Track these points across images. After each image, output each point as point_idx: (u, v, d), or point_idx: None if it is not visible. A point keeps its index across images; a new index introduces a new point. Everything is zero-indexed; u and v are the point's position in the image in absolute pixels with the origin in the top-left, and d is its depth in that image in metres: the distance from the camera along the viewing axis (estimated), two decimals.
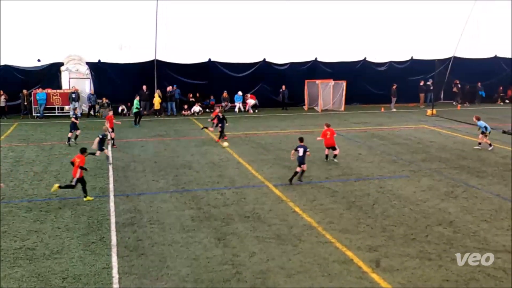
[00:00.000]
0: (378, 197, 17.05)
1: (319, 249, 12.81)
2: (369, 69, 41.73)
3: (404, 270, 11.63)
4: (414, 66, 42.31)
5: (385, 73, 41.84)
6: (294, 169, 20.27)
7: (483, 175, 19.90)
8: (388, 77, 40.90)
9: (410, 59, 42.51)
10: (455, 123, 32.91)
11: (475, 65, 42.69)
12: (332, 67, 40.34)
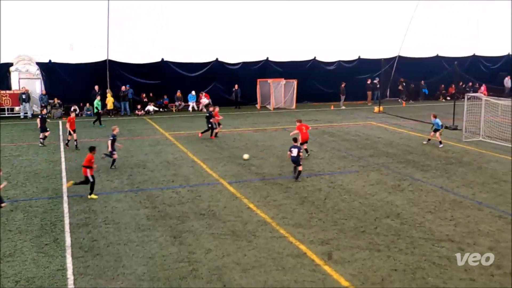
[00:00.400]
0: (329, 192, 17.31)
1: (273, 244, 12.90)
2: (318, 68, 42.24)
3: (354, 261, 11.86)
4: (362, 65, 43.10)
5: (334, 72, 42.44)
6: (247, 166, 20.39)
7: (427, 168, 20.52)
8: (337, 76, 41.52)
9: (357, 59, 43.29)
10: (401, 120, 33.79)
11: (418, 64, 43.94)
12: (283, 66, 40.61)
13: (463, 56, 45.02)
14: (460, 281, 10.87)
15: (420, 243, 12.87)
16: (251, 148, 24.51)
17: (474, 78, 43.51)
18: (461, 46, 44.70)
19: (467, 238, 13.18)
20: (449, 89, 45.45)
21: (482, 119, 26.63)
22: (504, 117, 27.65)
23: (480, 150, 23.83)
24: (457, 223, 14.30)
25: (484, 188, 17.68)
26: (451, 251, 12.35)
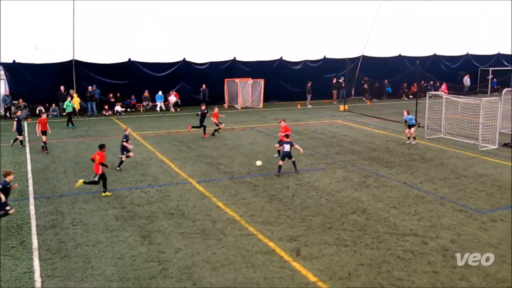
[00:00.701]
0: (297, 189, 17.42)
1: (242, 241, 12.90)
2: (285, 68, 42.46)
3: (322, 257, 11.97)
4: (327, 65, 43.50)
5: (300, 71, 42.72)
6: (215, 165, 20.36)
7: (391, 165, 20.85)
8: (303, 75, 41.81)
9: (323, 58, 43.67)
10: (365, 118, 34.24)
11: (381, 64, 44.63)
12: (250, 66, 40.67)
13: (424, 55, 45.99)
14: (424, 273, 11.09)
15: (385, 238, 13.08)
16: (219, 147, 24.45)
17: (435, 77, 44.53)
18: (422, 46, 45.66)
19: (430, 232, 13.46)
20: (412, 87, 46.29)
21: (443, 117, 27.21)
22: (464, 115, 28.32)
23: (442, 147, 24.35)
24: (421, 218, 14.58)
25: (445, 183, 18.08)
26: (415, 245, 12.60)
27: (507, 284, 10.59)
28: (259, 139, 26.55)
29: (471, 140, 24.97)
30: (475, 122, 25.74)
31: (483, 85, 50.00)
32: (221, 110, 38.13)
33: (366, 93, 45.21)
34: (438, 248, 12.39)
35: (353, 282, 10.75)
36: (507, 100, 28.67)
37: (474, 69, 50.10)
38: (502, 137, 25.08)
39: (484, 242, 12.74)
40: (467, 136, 25.64)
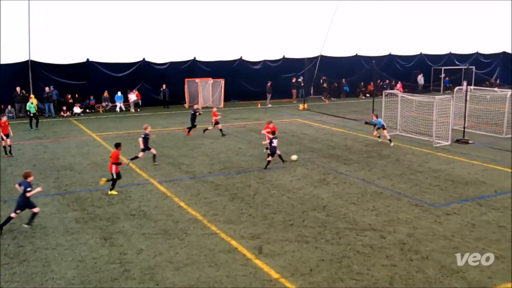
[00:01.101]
0: (258, 188, 17.46)
1: (205, 240, 12.85)
2: (245, 68, 42.53)
3: (284, 254, 12.05)
4: (286, 65, 43.82)
5: (260, 71, 42.89)
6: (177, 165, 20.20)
7: (350, 162, 21.17)
8: (263, 75, 42.00)
9: (282, 58, 43.95)
10: (324, 116, 34.65)
11: (339, 63, 45.33)
12: (211, 66, 40.54)
13: (380, 55, 46.92)
14: (383, 267, 11.31)
15: (345, 233, 13.27)
16: (181, 147, 24.27)
17: (391, 76, 45.48)
18: (378, 46, 46.58)
19: (387, 226, 13.74)
20: (368, 86, 47.15)
21: (398, 115, 27.81)
22: (418, 112, 29.03)
23: (398, 144, 24.89)
24: (379, 213, 14.86)
25: (402, 179, 18.49)
26: (373, 240, 12.83)
27: (461, 274, 10.92)
28: (220, 138, 26.48)
29: (426, 137, 25.62)
30: (429, 120, 26.42)
31: (436, 83, 51.45)
32: (181, 110, 37.94)
33: (325, 92, 45.76)
34: (395, 242, 12.66)
35: (315, 278, 10.86)
36: (458, 98, 29.56)
37: (428, 68, 51.52)
38: (455, 133, 25.83)
39: (439, 235, 13.10)
40: (422, 133, 26.29)
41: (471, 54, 53.68)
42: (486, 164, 20.74)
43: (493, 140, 25.87)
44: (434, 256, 11.85)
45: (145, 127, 20.81)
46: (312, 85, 46.08)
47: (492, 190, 17.11)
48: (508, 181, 18.12)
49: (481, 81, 50.15)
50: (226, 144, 24.75)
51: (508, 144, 24.66)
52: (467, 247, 12.28)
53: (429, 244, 12.51)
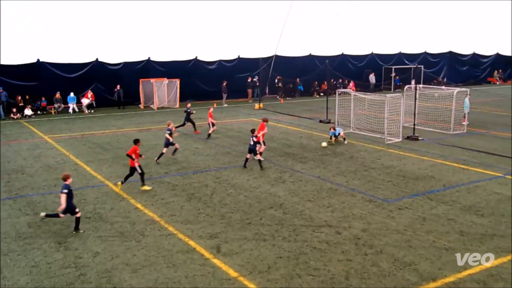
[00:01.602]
0: (216, 187, 17.42)
1: (162, 241, 12.71)
2: (200, 68, 42.31)
3: (242, 252, 12.07)
4: (241, 64, 43.88)
5: (216, 71, 42.78)
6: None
7: (305, 160, 21.41)
8: (218, 74, 41.91)
9: (237, 58, 43.98)
10: (280, 115, 34.89)
11: (293, 63, 45.75)
12: (166, 66, 40.13)
13: (333, 55, 47.65)
14: (339, 262, 11.50)
15: (302, 230, 13.41)
16: None
17: (343, 75, 46.23)
18: (331, 45, 47.29)
19: (343, 222, 13.97)
20: (322, 85, 47.76)
21: (351, 113, 28.32)
22: (371, 110, 29.64)
23: (351, 141, 25.33)
24: (334, 209, 15.09)
25: (356, 176, 18.84)
26: (329, 236, 13.03)
27: (413, 266, 11.23)
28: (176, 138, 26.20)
29: (378, 134, 26.19)
30: (381, 117, 27.02)
31: (387, 82, 52.67)
32: (136, 110, 37.38)
33: (280, 91, 46.07)
34: (350, 237, 12.90)
35: (273, 275, 10.93)
36: (408, 96, 30.38)
37: (379, 67, 52.71)
38: (405, 130, 26.52)
39: (392, 229, 13.43)
40: (374, 130, 26.86)
41: (419, 53, 55.33)
42: (435, 159, 21.40)
43: (441, 136, 26.72)
44: (387, 250, 12.14)
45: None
46: (267, 84, 46.31)
47: (441, 184, 17.67)
48: (456, 175, 18.77)
49: (429, 80, 51.74)
50: (183, 144, 24.55)
51: (455, 139, 25.53)
52: (418, 240, 12.65)
53: (382, 239, 12.81)
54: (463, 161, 20.97)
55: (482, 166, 20.15)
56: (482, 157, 21.79)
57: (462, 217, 14.39)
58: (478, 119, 31.80)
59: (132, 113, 36.04)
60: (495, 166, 20.13)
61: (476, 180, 18.13)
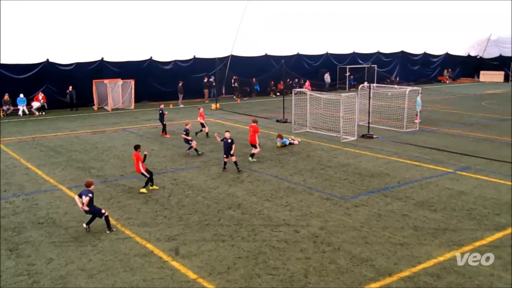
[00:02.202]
0: (173, 189, 17.26)
1: (119, 245, 12.50)
2: (155, 68, 41.82)
3: (201, 254, 12.01)
4: (197, 64, 43.63)
5: (171, 71, 42.38)
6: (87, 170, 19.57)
7: (263, 160, 21.49)
8: (174, 75, 41.55)
9: (193, 58, 43.69)
10: (237, 115, 34.90)
11: (249, 62, 45.86)
12: (120, 66, 39.44)
13: (289, 54, 48.04)
14: (297, 260, 11.61)
15: (261, 230, 13.47)
16: (90, 150, 23.40)
17: (299, 74, 46.68)
18: (286, 45, 47.67)
19: (301, 221, 14.11)
20: (278, 85, 48.13)
21: (308, 112, 28.64)
22: (326, 109, 30.09)
23: (308, 140, 25.62)
24: (292, 208, 15.23)
25: (313, 174, 19.06)
26: (288, 234, 13.13)
27: (370, 262, 11.47)
28: (132, 140, 25.84)
29: (334, 133, 26.59)
30: (336, 116, 27.45)
31: (341, 81, 53.58)
32: (90, 112, 36.60)
33: (236, 91, 46.11)
34: (309, 236, 13.04)
35: (232, 275, 10.93)
36: (363, 95, 30.98)
37: (334, 67, 53.54)
38: (360, 129, 27.04)
39: (349, 226, 13.67)
40: (330, 129, 27.26)
41: (373, 53, 56.54)
42: (389, 157, 21.92)
43: (395, 134, 27.38)
44: (345, 246, 12.35)
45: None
46: (223, 84, 46.26)
47: (396, 181, 18.11)
48: (409, 172, 19.28)
49: (382, 79, 52.97)
50: None
51: (408, 137, 26.22)
52: (375, 236, 12.93)
53: (340, 236, 13.01)
54: (416, 158, 21.57)
55: (434, 163, 20.78)
56: (433, 154, 22.47)
57: (416, 212, 14.79)
58: (429, 117, 32.77)
59: (86, 115, 35.25)
60: (446, 162, 20.80)
61: (429, 176, 18.68)
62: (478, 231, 13.32)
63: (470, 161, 21.11)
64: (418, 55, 61.46)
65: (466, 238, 12.84)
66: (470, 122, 31.61)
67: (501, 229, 13.42)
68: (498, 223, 13.87)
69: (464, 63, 66.86)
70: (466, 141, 25.40)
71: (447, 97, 47.55)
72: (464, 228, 13.53)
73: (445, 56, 64.22)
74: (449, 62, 65.12)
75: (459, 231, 13.30)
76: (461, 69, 67.28)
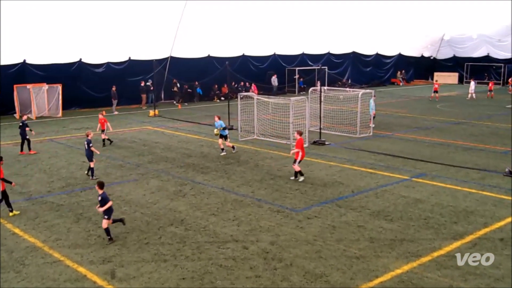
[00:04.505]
0: None
1: (47, 270, 12.11)
2: (86, 71, 40.93)
3: (140, 276, 11.80)
4: (133, 67, 43.07)
5: (103, 74, 41.60)
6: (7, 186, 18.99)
7: (207, 170, 21.43)
8: (107, 78, 40.79)
9: (128, 60, 43.10)
10: (178, 122, 34.67)
11: (191, 64, 45.72)
12: (45, 69, 38.35)
13: (233, 56, 48.23)
14: (247, 279, 11.61)
15: (206, 247, 13.39)
16: (12, 164, 22.58)
17: (245, 77, 47.02)
18: (231, 46, 47.84)
19: (250, 236, 14.14)
20: (223, 89, 48.24)
21: (255, 118, 28.80)
22: (275, 115, 30.38)
23: (256, 148, 25.77)
24: (240, 222, 15.24)
25: (262, 185, 19.16)
26: (236, 251, 13.12)
27: (325, 278, 11.62)
28: (60, 152, 25.16)
29: (283, 140, 26.86)
30: (286, 122, 27.76)
31: (290, 84, 54.30)
32: (11, 121, 35.28)
33: (177, 96, 45.84)
34: (259, 252, 13.08)
35: None
36: (313, 98, 31.50)
37: (282, 68, 54.20)
38: (312, 135, 27.47)
39: (301, 240, 13.81)
40: (279, 136, 27.53)
41: (323, 54, 57.71)
42: (342, 164, 22.36)
43: (348, 140, 27.98)
44: (297, 262, 12.46)
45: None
46: (162, 89, 45.87)
47: (350, 190, 18.49)
48: (364, 180, 19.72)
49: (333, 81, 54.10)
50: (68, 158, 23.60)
51: (361, 143, 26.85)
52: (329, 250, 13.12)
53: (292, 251, 13.13)
54: (370, 165, 22.11)
55: (389, 170, 21.37)
56: (388, 160, 23.11)
57: (372, 223, 15.14)
58: (383, 121, 33.71)
59: (6, 124, 33.97)
60: (401, 169, 21.43)
61: (384, 184, 19.18)
62: (436, 240, 13.78)
63: (426, 167, 21.85)
64: (370, 56, 63.26)
65: (424, 248, 13.25)
66: (425, 126, 32.76)
67: (458, 238, 13.93)
68: (456, 232, 14.41)
69: (417, 64, 69.39)
70: (421, 146, 26.29)
71: (401, 99, 49.12)
72: (421, 238, 13.96)
73: (398, 57, 66.42)
74: (402, 63, 67.39)
75: (417, 241, 13.71)
76: (415, 71, 69.79)
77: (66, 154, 24.62)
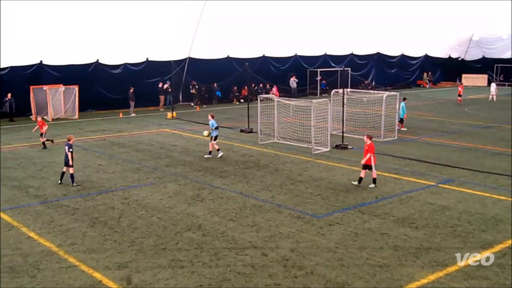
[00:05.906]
0: (124, 209, 17.03)
1: (62, 275, 12.22)
2: (102, 72, 41.33)
3: (157, 282, 11.85)
4: (151, 68, 43.37)
5: (121, 76, 41.97)
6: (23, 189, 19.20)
7: (226, 174, 21.47)
8: (124, 80, 41.15)
9: (146, 61, 43.42)
10: (196, 125, 34.81)
11: (210, 66, 45.88)
12: (61, 70, 38.79)
13: (253, 57, 48.28)
14: (266, 287, 11.58)
15: (224, 254, 13.40)
16: (27, 167, 22.89)
17: (265, 79, 46.97)
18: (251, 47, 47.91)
19: (269, 243, 14.11)
20: (242, 91, 48.28)
21: (275, 121, 28.79)
22: (296, 117, 30.33)
23: (276, 152, 25.75)
24: (259, 228, 15.22)
25: (282, 190, 19.13)
26: (255, 258, 13.10)
27: (347, 287, 11.55)
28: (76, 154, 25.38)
29: (304, 144, 26.80)
30: (307, 125, 27.70)
31: (312, 86, 54.15)
32: (27, 122, 35.79)
33: (195, 98, 46.02)
34: (278, 259, 13.05)
35: None
36: (336, 101, 31.40)
37: (303, 70, 54.10)
38: (334, 138, 27.35)
39: (322, 248, 13.75)
40: (300, 139, 27.47)
41: (346, 55, 57.48)
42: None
43: None
44: (318, 270, 12.40)
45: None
46: (181, 90, 46.10)
47: (373, 196, 18.36)
48: (388, 186, 19.58)
49: (357, 83, 53.87)
50: (84, 161, 23.84)
51: (386, 147, 26.66)
52: (351, 258, 13.04)
53: (313, 258, 13.07)
54: (395, 170, 21.94)
55: (414, 175, 21.18)
56: (414, 165, 22.91)
57: (396, 230, 15.01)
58: (408, 124, 33.43)
59: (22, 126, 34.48)
60: (427, 175, 21.23)
61: (409, 190, 19.02)
62: (464, 249, 13.60)
63: (453, 172, 21.61)
64: (395, 57, 62.82)
65: (451, 257, 13.08)
66: (452, 130, 32.42)
67: (487, 247, 13.73)
68: (484, 240, 14.21)
69: (444, 66, 68.72)
70: (448, 151, 26.02)
71: (427, 102, 48.71)
72: (448, 247, 13.79)
73: (424, 58, 65.86)
74: (428, 64, 66.80)
75: (443, 250, 13.56)
76: (442, 72, 69.12)
77: (82, 156, 24.86)
